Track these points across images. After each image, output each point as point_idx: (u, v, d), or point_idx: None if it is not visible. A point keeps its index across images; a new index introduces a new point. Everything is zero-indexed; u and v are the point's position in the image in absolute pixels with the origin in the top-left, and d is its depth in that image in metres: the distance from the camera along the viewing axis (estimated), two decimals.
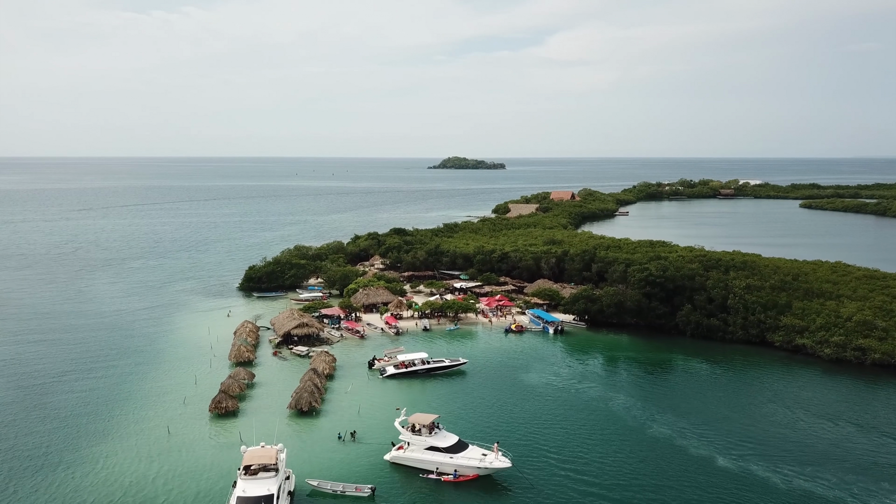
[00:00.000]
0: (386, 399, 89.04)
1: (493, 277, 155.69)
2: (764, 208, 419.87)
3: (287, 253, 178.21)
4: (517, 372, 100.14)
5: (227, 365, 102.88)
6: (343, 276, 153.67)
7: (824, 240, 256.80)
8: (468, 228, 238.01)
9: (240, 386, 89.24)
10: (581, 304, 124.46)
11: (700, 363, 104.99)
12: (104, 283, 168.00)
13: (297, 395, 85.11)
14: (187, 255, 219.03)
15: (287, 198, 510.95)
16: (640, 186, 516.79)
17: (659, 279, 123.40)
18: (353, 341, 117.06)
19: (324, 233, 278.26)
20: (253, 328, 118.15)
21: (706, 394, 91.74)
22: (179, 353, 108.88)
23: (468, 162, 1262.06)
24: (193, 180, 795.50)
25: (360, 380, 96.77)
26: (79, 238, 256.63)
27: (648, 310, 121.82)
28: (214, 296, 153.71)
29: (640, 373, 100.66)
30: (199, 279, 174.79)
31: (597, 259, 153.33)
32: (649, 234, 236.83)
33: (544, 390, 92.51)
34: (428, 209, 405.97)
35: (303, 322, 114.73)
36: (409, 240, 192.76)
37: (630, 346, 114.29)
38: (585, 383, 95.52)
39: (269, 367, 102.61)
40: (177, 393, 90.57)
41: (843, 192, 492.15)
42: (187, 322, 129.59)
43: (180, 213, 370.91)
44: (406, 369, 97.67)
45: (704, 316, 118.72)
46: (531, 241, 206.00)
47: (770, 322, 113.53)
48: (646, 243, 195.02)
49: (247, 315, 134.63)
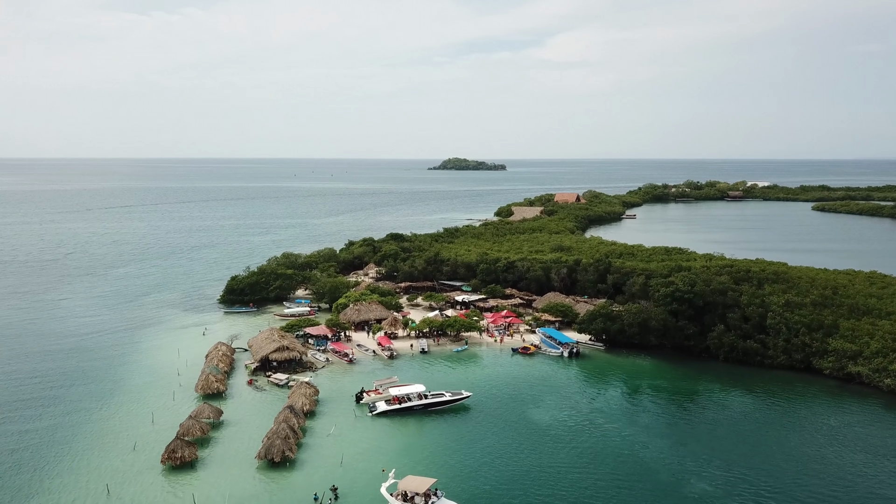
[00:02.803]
0: (375, 444, 74.99)
1: (499, 290, 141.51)
2: (775, 211, 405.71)
3: (273, 261, 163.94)
4: (528, 407, 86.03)
5: (192, 397, 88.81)
6: (333, 287, 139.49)
7: (846, 245, 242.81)
8: (470, 233, 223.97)
9: (202, 428, 75.20)
10: (599, 322, 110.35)
11: (739, 395, 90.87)
12: (79, 295, 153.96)
13: (268, 442, 71.09)
14: (174, 261, 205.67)
15: (284, 200, 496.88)
16: (646, 188, 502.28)
17: (687, 295, 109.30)
18: (340, 367, 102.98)
19: (318, 237, 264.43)
20: (227, 351, 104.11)
21: (750, 435, 77.65)
22: (140, 382, 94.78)
23: (469, 163, 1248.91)
24: (191, 182, 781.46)
25: (346, 417, 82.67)
26: (67, 243, 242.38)
27: (675, 329, 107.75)
28: (192, 310, 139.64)
29: (670, 407, 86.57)
30: (181, 290, 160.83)
31: (612, 270, 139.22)
32: (661, 239, 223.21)
33: (560, 431, 78.47)
34: (428, 212, 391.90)
35: (283, 345, 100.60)
36: (406, 246, 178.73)
37: (656, 373, 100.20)
38: (607, 421, 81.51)
39: (241, 401, 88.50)
40: (127, 435, 76.50)
41: (855, 195, 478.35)
42: (157, 342, 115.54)
43: (175, 216, 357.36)
44: (399, 405, 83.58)
45: (739, 337, 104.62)
46: (537, 247, 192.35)
47: (817, 346, 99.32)
48: (661, 250, 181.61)
49: (225, 332, 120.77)
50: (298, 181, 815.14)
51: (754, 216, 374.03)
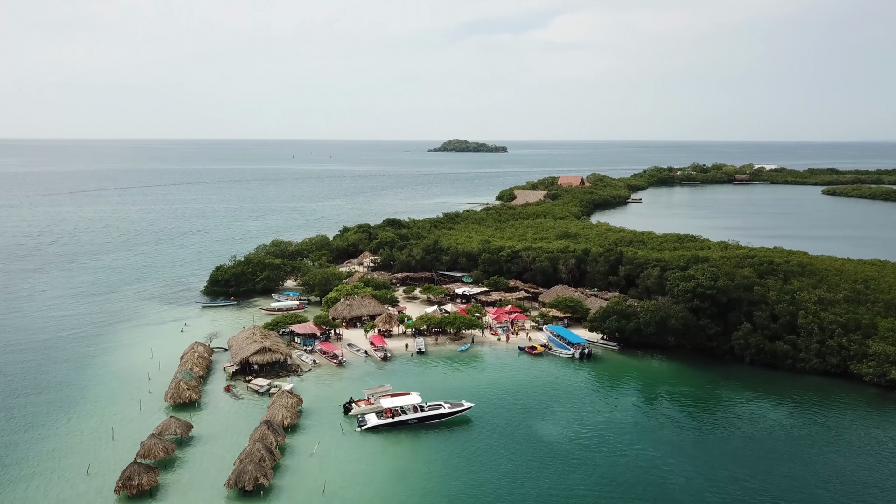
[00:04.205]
0: (363, 467, 65.72)
1: (502, 282, 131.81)
2: (784, 195, 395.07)
3: (262, 250, 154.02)
4: (536, 420, 76.76)
5: (161, 407, 79.56)
6: (323, 279, 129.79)
7: (862, 232, 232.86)
8: (471, 219, 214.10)
9: (165, 448, 65.91)
10: (613, 321, 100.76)
11: (770, 405, 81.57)
12: (54, 287, 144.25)
13: (239, 466, 61.81)
14: (161, 248, 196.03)
15: (281, 182, 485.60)
16: (651, 171, 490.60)
17: (709, 290, 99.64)
18: (328, 370, 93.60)
19: (313, 222, 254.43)
20: (204, 352, 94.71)
21: (790, 455, 68.38)
22: (106, 389, 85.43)
23: (469, 145, 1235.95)
24: (188, 164, 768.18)
25: (332, 433, 73.40)
26: (54, 229, 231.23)
27: (696, 329, 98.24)
28: (173, 303, 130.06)
29: (694, 419, 77.27)
30: (163, 280, 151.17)
31: (625, 260, 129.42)
32: (670, 225, 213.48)
33: (572, 449, 69.27)
34: (427, 195, 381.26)
35: (265, 346, 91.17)
36: (404, 233, 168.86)
37: (676, 378, 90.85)
38: (625, 437, 72.27)
39: (215, 412, 79.19)
40: (82, 457, 67.23)
41: (864, 178, 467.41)
42: (130, 340, 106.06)
43: (169, 199, 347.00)
44: (392, 419, 74.30)
45: (767, 338, 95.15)
46: (542, 234, 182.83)
47: (854, 348, 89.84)
48: (672, 238, 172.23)
49: (206, 329, 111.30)
50: (296, 163, 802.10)
51: (764, 200, 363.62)
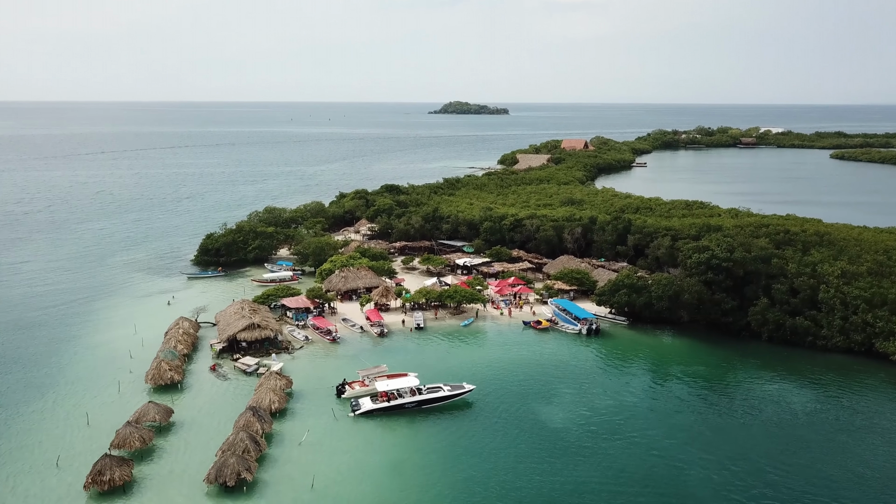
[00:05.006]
0: (356, 458, 60.84)
1: (505, 252, 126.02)
2: (792, 158, 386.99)
3: (254, 217, 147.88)
4: (542, 403, 71.76)
5: (142, 389, 74.55)
6: (318, 248, 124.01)
7: (877, 198, 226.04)
8: (472, 184, 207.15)
9: (142, 438, 60.95)
10: (623, 295, 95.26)
11: (793, 386, 76.50)
12: (40, 256, 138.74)
13: (220, 459, 56.90)
14: (155, 214, 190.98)
15: (278, 145, 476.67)
16: (656, 134, 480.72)
17: (725, 263, 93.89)
18: (321, 346, 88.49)
19: (310, 187, 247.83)
20: (190, 328, 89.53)
21: (816, 442, 63.42)
22: (85, 368, 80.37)
23: (470, 107, 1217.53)
24: (186, 126, 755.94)
25: (323, 418, 68.44)
26: (48, 194, 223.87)
27: (711, 304, 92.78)
28: (161, 273, 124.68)
29: (712, 404, 72.25)
30: (153, 248, 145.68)
31: (634, 229, 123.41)
32: (676, 191, 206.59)
33: (580, 437, 64.37)
34: (427, 159, 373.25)
35: (253, 322, 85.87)
36: (403, 200, 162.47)
37: (690, 356, 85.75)
38: (638, 425, 67.25)
39: (199, 394, 74.21)
40: (53, 446, 62.38)
41: (873, 142, 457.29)
42: (113, 314, 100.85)
43: (166, 163, 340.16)
44: (388, 403, 69.28)
45: (787, 313, 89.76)
46: (545, 200, 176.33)
47: (881, 325, 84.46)
48: (681, 204, 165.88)
49: (194, 301, 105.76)
50: (295, 126, 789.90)
51: (771, 165, 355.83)
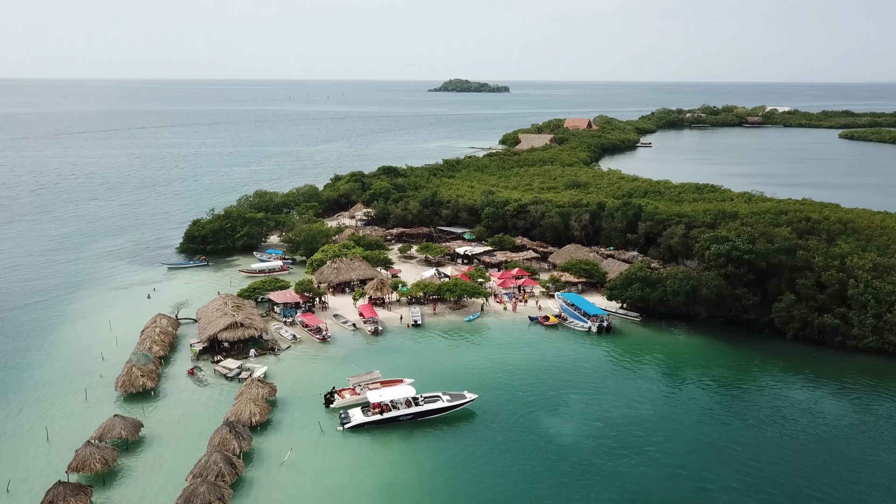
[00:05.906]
0: (345, 482, 54.26)
1: (508, 240, 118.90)
2: (800, 138, 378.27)
3: (244, 201, 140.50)
4: (550, 415, 65.11)
5: (112, 398, 67.90)
6: (309, 236, 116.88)
7: (891, 180, 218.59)
8: (473, 166, 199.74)
9: (104, 459, 54.32)
10: (636, 289, 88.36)
11: (828, 394, 69.82)
12: (17, 242, 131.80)
13: (189, 488, 50.33)
14: (144, 197, 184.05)
15: (275, 124, 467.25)
16: (660, 113, 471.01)
17: (747, 255, 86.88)
18: (310, 346, 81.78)
19: (306, 168, 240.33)
20: (168, 325, 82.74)
21: (861, 460, 56.92)
22: (50, 373, 73.62)
23: (471, 85, 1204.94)
24: (182, 104, 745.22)
25: (309, 432, 61.81)
26: (37, 177, 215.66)
27: (731, 299, 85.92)
28: (143, 263, 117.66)
29: (738, 413, 65.59)
30: (138, 235, 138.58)
31: (644, 216, 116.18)
32: (684, 172, 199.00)
33: (592, 456, 57.75)
34: (427, 138, 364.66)
35: (236, 321, 79.03)
36: (400, 183, 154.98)
37: (710, 357, 79.04)
38: (656, 439, 60.65)
39: (174, 402, 67.52)
40: (8, 465, 55.80)
41: (881, 121, 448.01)
42: (88, 309, 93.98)
43: (159, 143, 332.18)
44: (381, 416, 62.65)
45: (813, 310, 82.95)
46: (549, 182, 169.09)
47: None
48: (691, 187, 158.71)
49: (176, 294, 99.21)
50: (292, 104, 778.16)
51: (779, 145, 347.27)
